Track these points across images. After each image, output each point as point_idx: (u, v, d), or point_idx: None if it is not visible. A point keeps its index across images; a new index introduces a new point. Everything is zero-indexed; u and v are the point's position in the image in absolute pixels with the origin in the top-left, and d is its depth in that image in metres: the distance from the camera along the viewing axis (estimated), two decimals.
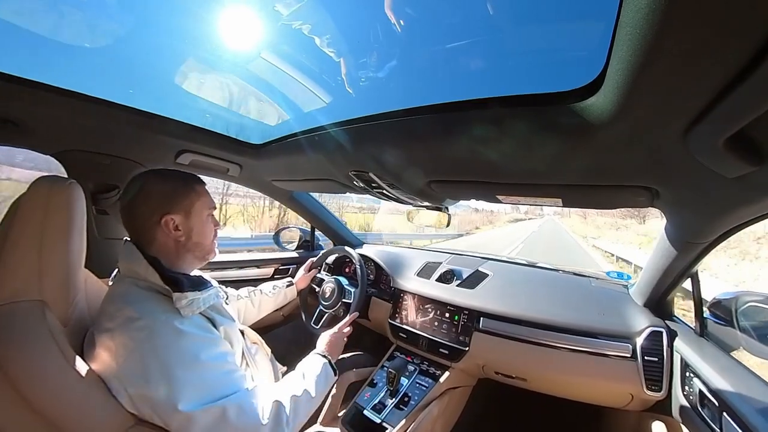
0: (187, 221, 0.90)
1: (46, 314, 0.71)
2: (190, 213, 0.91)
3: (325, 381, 1.06)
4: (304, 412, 0.92)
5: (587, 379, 1.28)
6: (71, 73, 0.99)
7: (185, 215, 0.90)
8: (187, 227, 0.90)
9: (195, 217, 0.92)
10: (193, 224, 0.91)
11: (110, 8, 0.87)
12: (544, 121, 0.65)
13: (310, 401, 0.96)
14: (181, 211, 0.89)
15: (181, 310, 0.78)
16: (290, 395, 0.89)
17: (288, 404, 0.86)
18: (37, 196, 0.76)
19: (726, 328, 1.07)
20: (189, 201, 0.91)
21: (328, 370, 1.10)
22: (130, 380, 0.71)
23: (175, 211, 0.88)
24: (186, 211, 0.90)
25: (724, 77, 0.40)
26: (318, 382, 1.01)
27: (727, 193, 0.68)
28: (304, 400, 0.92)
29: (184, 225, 0.89)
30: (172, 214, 0.87)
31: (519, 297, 1.50)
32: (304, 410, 0.92)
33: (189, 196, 0.91)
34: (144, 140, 1.27)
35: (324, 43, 0.86)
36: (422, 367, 1.57)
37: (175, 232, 0.88)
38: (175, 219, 0.88)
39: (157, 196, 0.87)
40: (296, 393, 0.92)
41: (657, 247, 1.13)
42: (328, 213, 2.29)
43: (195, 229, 0.92)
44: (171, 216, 0.87)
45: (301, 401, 0.91)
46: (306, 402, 0.93)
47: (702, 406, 0.96)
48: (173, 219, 0.87)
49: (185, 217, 0.90)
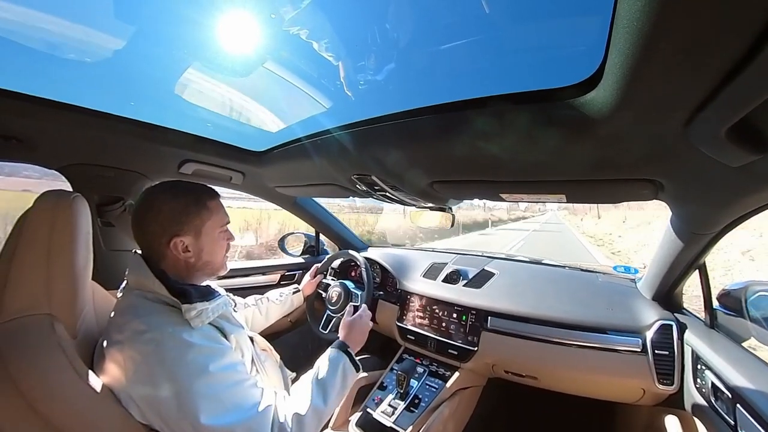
0: (197, 242, 0.88)
1: (55, 327, 0.71)
2: (201, 233, 0.88)
3: (342, 383, 1.00)
4: (314, 423, 0.87)
5: (598, 375, 1.27)
6: (73, 88, 1.00)
7: (195, 236, 0.87)
8: (197, 248, 0.88)
9: (206, 236, 0.89)
10: (203, 244, 0.89)
11: (109, 21, 0.87)
12: (544, 118, 0.65)
13: (321, 412, 0.90)
14: (191, 231, 0.87)
15: (190, 322, 0.77)
16: (296, 412, 0.84)
17: (293, 421, 0.82)
18: (43, 211, 0.76)
19: (736, 319, 1.06)
20: (200, 220, 0.88)
21: (347, 370, 1.03)
22: (140, 393, 0.71)
23: (185, 232, 0.86)
24: (196, 232, 0.88)
25: (723, 66, 0.40)
26: (333, 388, 0.96)
27: (732, 183, 0.68)
28: (312, 414, 0.87)
29: (194, 246, 0.87)
30: (181, 236, 0.85)
31: (526, 295, 1.49)
32: (314, 422, 0.87)
33: (200, 215, 0.88)
34: (146, 151, 1.28)
35: (322, 48, 0.87)
36: (431, 369, 1.57)
37: (185, 253, 0.86)
38: (185, 240, 0.86)
39: (167, 215, 0.85)
40: (303, 407, 0.86)
41: (663, 240, 1.12)
42: (332, 217, 2.29)
43: (206, 249, 0.90)
44: (181, 238, 0.85)
45: (308, 416, 0.86)
46: (314, 414, 0.88)
47: (715, 398, 0.95)
48: (183, 241, 0.85)
49: (195, 237, 0.88)
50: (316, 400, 0.90)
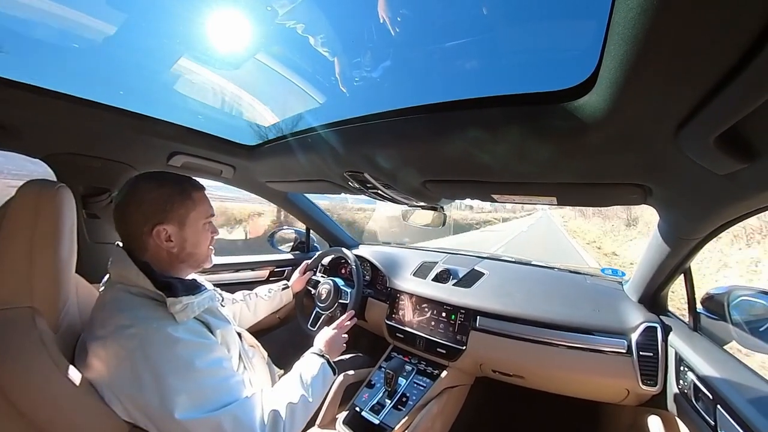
0: (180, 232, 0.86)
1: (36, 321, 0.69)
2: (185, 223, 0.87)
3: (323, 382, 1.03)
4: (302, 417, 0.90)
5: (583, 376, 1.29)
6: (59, 75, 0.97)
7: (179, 226, 0.86)
8: (181, 238, 0.87)
9: (190, 227, 0.88)
10: (187, 235, 0.87)
11: (99, 7, 0.85)
12: (537, 121, 0.66)
13: (308, 405, 0.93)
14: (174, 221, 0.85)
15: (175, 316, 0.76)
16: (287, 402, 0.87)
17: (285, 411, 0.84)
18: (26, 201, 0.74)
19: (719, 322, 1.08)
20: (184, 210, 0.87)
21: (326, 370, 1.07)
22: (123, 389, 0.70)
23: (168, 221, 0.84)
24: (180, 222, 0.86)
25: (715, 75, 0.40)
26: (316, 384, 0.99)
27: (719, 190, 0.69)
28: (301, 406, 0.90)
29: (178, 236, 0.86)
30: (164, 225, 0.84)
31: (515, 295, 1.50)
32: (302, 415, 0.90)
33: (185, 205, 0.87)
34: (135, 142, 1.25)
35: (318, 43, 0.86)
36: (420, 367, 1.57)
37: (168, 243, 0.85)
38: (168, 229, 0.84)
39: (151, 204, 0.83)
40: (293, 399, 0.89)
41: (650, 244, 1.14)
42: (323, 214, 2.28)
43: (189, 240, 0.88)
44: (164, 226, 0.83)
45: (298, 407, 0.89)
46: (303, 407, 0.91)
47: (696, 399, 0.98)
48: (166, 229, 0.84)
49: (179, 227, 0.86)
50: (305, 394, 0.93)
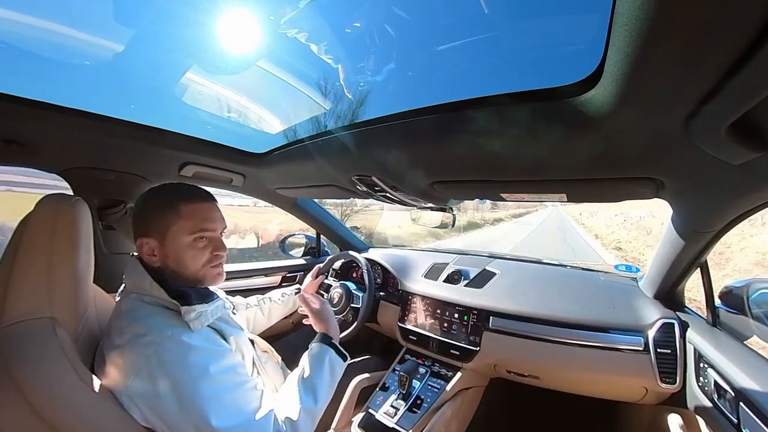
0: (162, 247, 0.85)
1: (57, 331, 0.71)
2: (165, 237, 0.84)
3: (331, 376, 0.98)
4: (311, 422, 0.87)
5: (600, 375, 1.27)
6: (73, 91, 1.00)
7: (160, 240, 0.84)
8: (163, 253, 0.85)
9: (171, 242, 0.85)
10: (167, 250, 0.85)
11: (109, 25, 0.88)
12: (545, 117, 0.65)
13: (313, 411, 0.89)
14: (155, 234, 0.84)
15: (190, 324, 0.77)
16: (294, 411, 0.84)
17: (293, 422, 0.83)
18: (44, 215, 0.76)
19: (738, 317, 1.05)
20: (165, 224, 0.84)
21: (334, 361, 1.01)
22: (141, 396, 0.71)
23: (149, 234, 0.84)
24: (161, 236, 0.84)
25: (723, 63, 0.40)
26: (321, 382, 0.94)
27: (733, 180, 0.67)
28: (308, 412, 0.87)
29: (160, 250, 0.85)
30: (146, 238, 0.84)
31: (528, 294, 1.49)
32: (311, 420, 0.87)
33: (166, 218, 0.84)
34: (146, 154, 1.28)
35: (321, 50, 0.87)
36: (433, 369, 1.57)
37: (150, 257, 0.85)
38: (150, 243, 0.84)
39: (138, 216, 0.86)
40: (297, 408, 0.86)
41: (664, 238, 1.12)
42: (333, 219, 2.29)
43: (171, 256, 0.85)
44: (146, 240, 0.84)
45: (306, 414, 0.86)
46: (309, 412, 0.87)
47: (718, 397, 0.95)
48: (148, 243, 0.84)
49: (160, 241, 0.84)
50: (306, 401, 0.88)
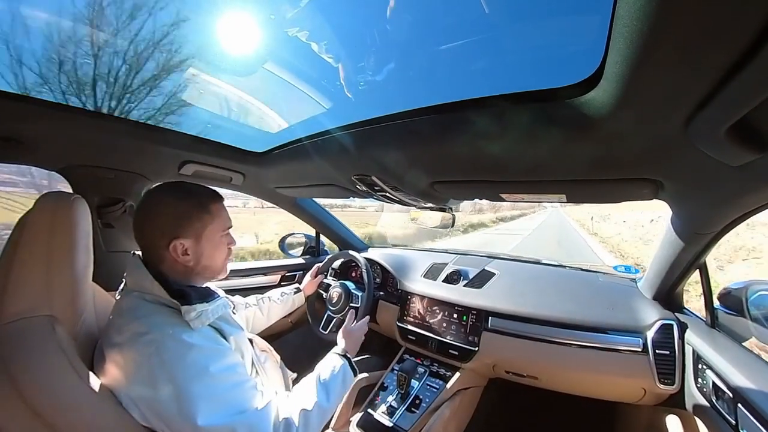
0: (197, 246, 0.86)
1: (56, 329, 0.71)
2: (201, 237, 0.87)
3: (342, 385, 1.03)
4: (318, 422, 0.89)
5: (599, 375, 1.27)
6: (73, 89, 1.00)
7: (196, 239, 0.86)
8: (197, 252, 0.87)
9: (206, 241, 0.88)
10: (203, 248, 0.87)
11: (111, 22, 0.88)
12: (545, 117, 0.65)
13: (324, 409, 0.92)
14: (191, 235, 0.85)
15: (190, 323, 0.77)
16: (302, 408, 0.86)
17: (299, 417, 0.84)
18: (43, 213, 0.76)
19: (737, 319, 1.05)
20: (201, 224, 0.87)
21: (347, 373, 1.06)
22: (140, 394, 0.71)
23: (185, 235, 0.84)
24: (197, 235, 0.86)
25: (722, 65, 0.40)
26: (334, 388, 0.98)
27: (732, 182, 0.68)
28: (316, 411, 0.89)
29: (194, 250, 0.86)
30: (181, 239, 0.84)
31: (527, 295, 1.49)
32: (317, 420, 0.89)
33: (202, 219, 0.87)
34: (146, 152, 1.28)
35: (322, 49, 0.87)
36: (432, 369, 1.57)
37: (184, 257, 0.85)
38: (185, 243, 0.84)
39: (168, 218, 0.84)
40: (308, 404, 0.88)
41: (664, 239, 1.12)
42: (333, 218, 2.29)
43: (205, 253, 0.88)
44: (180, 241, 0.83)
45: (313, 412, 0.88)
46: (319, 411, 0.90)
47: (716, 398, 0.95)
48: (183, 244, 0.84)
49: (196, 241, 0.86)
50: (321, 398, 0.92)
